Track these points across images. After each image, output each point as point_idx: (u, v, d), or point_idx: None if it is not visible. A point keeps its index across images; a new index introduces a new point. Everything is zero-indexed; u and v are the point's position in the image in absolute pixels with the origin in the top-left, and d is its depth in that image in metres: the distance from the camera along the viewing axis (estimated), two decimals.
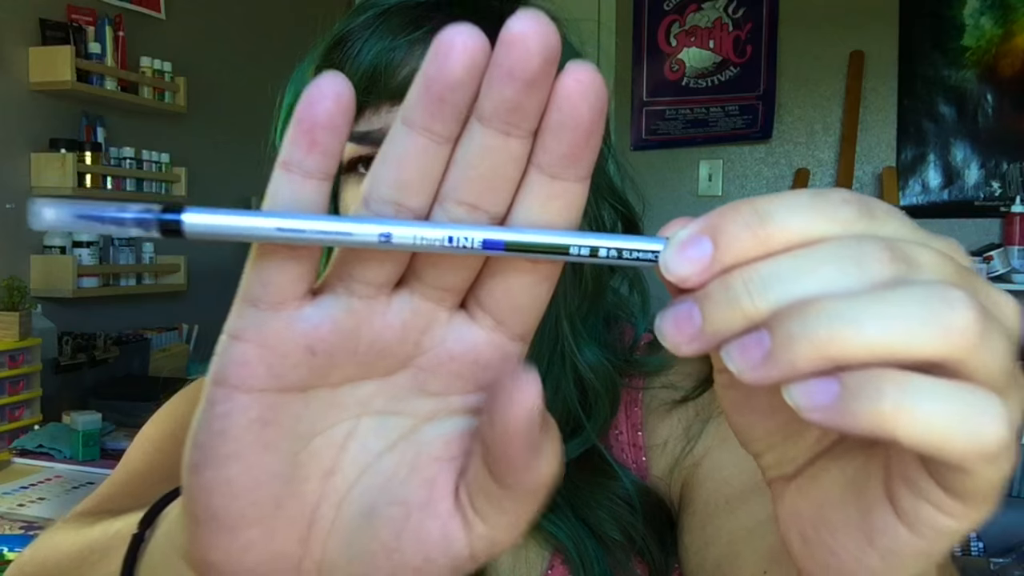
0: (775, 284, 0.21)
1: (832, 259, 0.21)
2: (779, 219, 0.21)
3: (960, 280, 0.21)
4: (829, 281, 0.20)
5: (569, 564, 0.58)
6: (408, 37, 0.54)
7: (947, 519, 0.22)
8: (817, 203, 0.22)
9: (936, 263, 0.21)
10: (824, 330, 0.19)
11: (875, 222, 0.22)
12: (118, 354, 2.14)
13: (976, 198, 2.84)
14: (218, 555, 0.25)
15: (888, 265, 0.20)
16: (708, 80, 3.09)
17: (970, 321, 0.19)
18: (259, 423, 0.24)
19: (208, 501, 0.24)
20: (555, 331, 0.61)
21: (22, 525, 1.31)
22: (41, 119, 2.16)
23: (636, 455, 0.62)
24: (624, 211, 0.64)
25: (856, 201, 0.22)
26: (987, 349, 0.20)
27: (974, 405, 0.20)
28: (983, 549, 2.67)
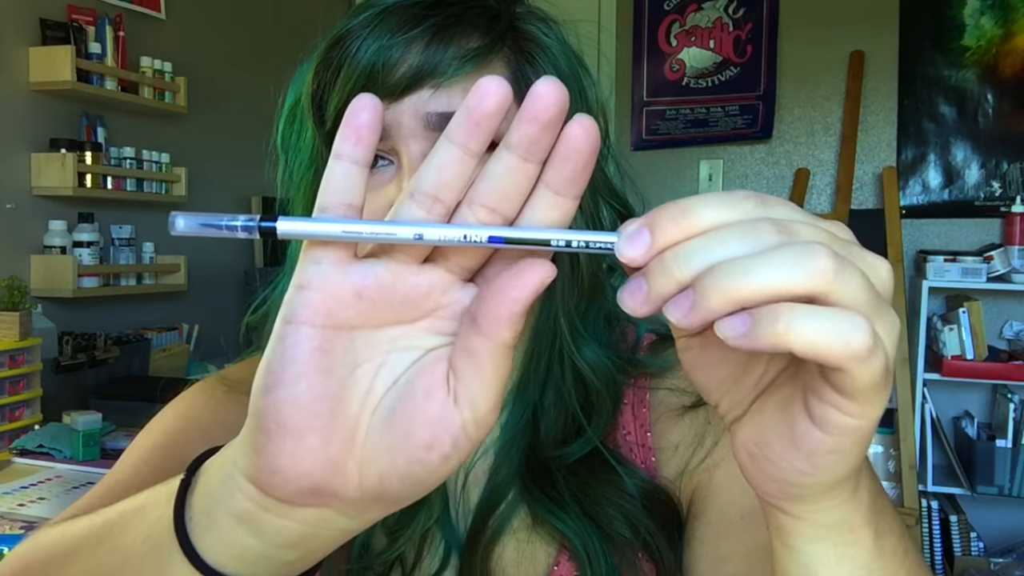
0: (693, 256, 0.29)
1: (733, 235, 0.29)
2: (696, 212, 0.30)
3: (828, 242, 0.28)
4: (732, 250, 0.28)
5: (575, 560, 0.58)
6: (406, 35, 0.55)
7: (846, 417, 0.30)
8: (724, 198, 0.30)
9: (811, 233, 0.29)
10: (726, 282, 0.27)
11: (769, 209, 0.30)
12: (118, 354, 2.14)
13: (976, 198, 2.84)
14: (284, 460, 0.31)
15: (774, 236, 0.28)
16: (708, 80, 3.08)
17: (828, 264, 0.27)
18: (320, 352, 0.31)
19: (279, 413, 0.31)
20: (553, 328, 0.62)
21: (22, 525, 1.31)
22: (41, 119, 2.16)
23: (645, 456, 0.62)
24: (622, 210, 0.65)
25: (754, 196, 0.30)
26: (844, 283, 0.28)
27: (841, 320, 0.27)
28: (983, 549, 2.67)
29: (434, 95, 0.55)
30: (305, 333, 0.31)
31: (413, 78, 0.54)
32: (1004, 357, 2.65)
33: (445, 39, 0.55)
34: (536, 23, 0.61)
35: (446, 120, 0.54)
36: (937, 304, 2.82)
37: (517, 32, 0.60)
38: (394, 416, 0.32)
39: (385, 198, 0.55)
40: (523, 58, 0.59)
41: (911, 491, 2.62)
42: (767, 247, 0.28)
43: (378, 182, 0.56)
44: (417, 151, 0.55)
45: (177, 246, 2.53)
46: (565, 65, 0.61)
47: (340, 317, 0.32)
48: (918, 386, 2.66)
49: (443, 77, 0.54)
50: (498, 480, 0.61)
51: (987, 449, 2.58)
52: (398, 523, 0.59)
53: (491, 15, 0.58)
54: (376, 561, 0.59)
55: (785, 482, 0.32)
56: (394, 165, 0.56)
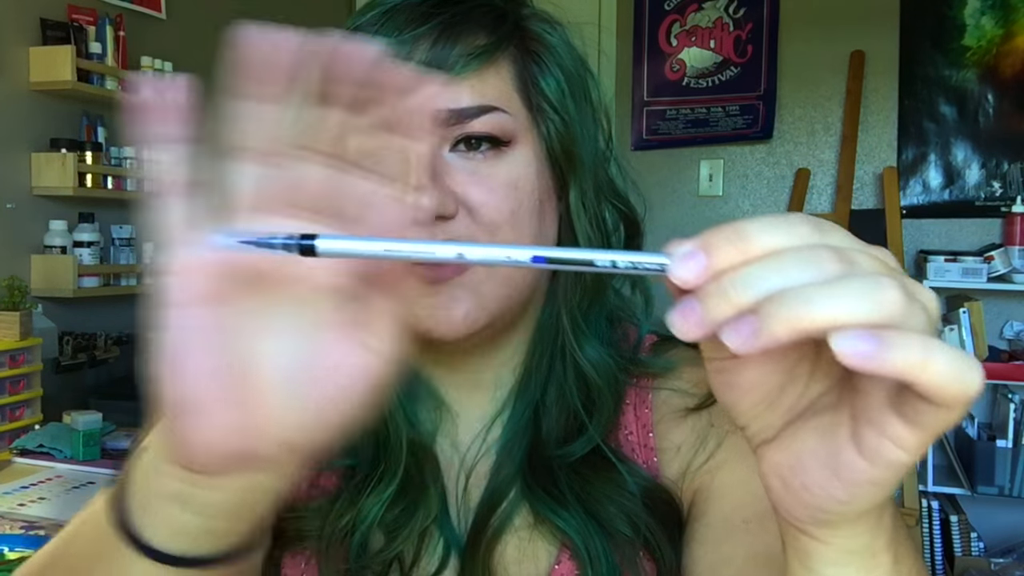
0: (755, 280, 0.28)
1: (794, 262, 0.28)
2: (753, 235, 0.29)
3: (888, 273, 0.29)
4: (793, 277, 0.28)
5: (576, 559, 0.58)
6: (413, 32, 0.55)
7: (900, 452, 0.29)
8: (780, 222, 0.29)
9: (870, 262, 0.29)
10: (794, 310, 0.27)
11: (825, 236, 0.29)
12: (118, 354, 2.14)
13: (977, 198, 2.84)
14: (196, 436, 0.32)
15: (835, 264, 0.28)
16: (709, 80, 3.08)
17: (897, 296, 0.27)
18: (201, 329, 0.31)
19: (177, 395, 0.31)
20: (555, 326, 0.62)
21: (22, 525, 1.31)
22: (41, 119, 2.16)
23: (647, 456, 0.62)
24: (626, 211, 0.65)
25: (810, 221, 0.30)
26: (914, 317, 0.27)
27: (961, 360, 0.27)
28: (984, 549, 2.67)
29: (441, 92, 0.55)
30: (181, 314, 0.31)
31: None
32: (1004, 357, 2.65)
33: (452, 36, 0.56)
34: (541, 24, 0.62)
35: (454, 116, 0.55)
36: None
37: (523, 31, 0.60)
38: (297, 368, 0.33)
39: None
40: (529, 57, 0.60)
41: (911, 491, 2.62)
42: (830, 276, 0.28)
43: None
44: (423, 147, 0.55)
45: None
46: (570, 65, 0.62)
47: (213, 292, 0.31)
48: None
49: (450, 73, 0.55)
50: (500, 479, 0.61)
51: (987, 449, 2.58)
52: (396, 522, 0.59)
53: (497, 14, 0.59)
54: (374, 560, 0.59)
55: (817, 508, 0.32)
56: None
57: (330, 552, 0.59)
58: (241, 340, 0.32)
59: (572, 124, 0.61)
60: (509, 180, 0.57)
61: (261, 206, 0.31)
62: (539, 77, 0.60)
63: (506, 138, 0.57)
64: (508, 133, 0.57)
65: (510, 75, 0.59)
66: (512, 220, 0.56)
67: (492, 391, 0.64)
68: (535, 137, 0.60)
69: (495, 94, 0.57)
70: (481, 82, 0.57)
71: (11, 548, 1.20)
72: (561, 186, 0.62)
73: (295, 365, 0.33)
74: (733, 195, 3.11)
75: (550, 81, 0.60)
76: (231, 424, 0.32)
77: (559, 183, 0.62)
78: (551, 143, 0.60)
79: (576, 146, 0.61)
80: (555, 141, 0.60)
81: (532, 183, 0.58)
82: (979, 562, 2.61)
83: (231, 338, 0.32)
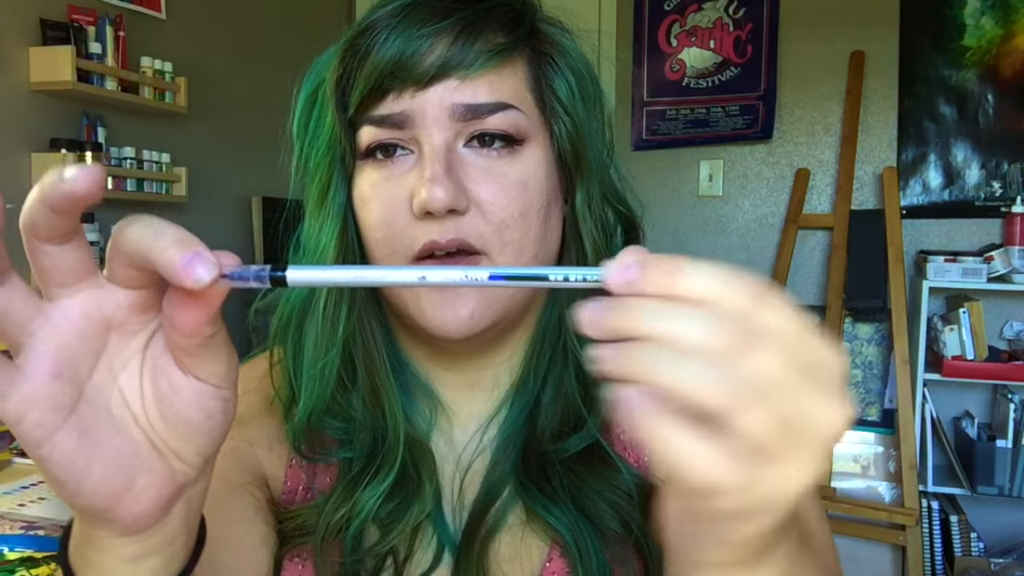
0: (655, 318, 0.30)
1: (697, 323, 0.29)
2: (686, 275, 0.30)
3: (775, 376, 0.29)
4: (685, 333, 0.29)
5: (567, 556, 0.58)
6: (436, 26, 0.56)
7: (719, 553, 0.34)
8: (721, 277, 0.30)
9: (764, 364, 0.29)
10: (652, 363, 0.30)
11: (760, 310, 0.30)
12: None
13: (977, 198, 2.84)
14: (82, 500, 0.35)
15: (726, 346, 0.29)
16: (709, 80, 3.08)
17: (759, 421, 0.29)
18: (47, 418, 0.33)
19: (50, 475, 0.34)
20: (558, 326, 0.62)
21: (22, 525, 1.31)
22: (41, 119, 2.15)
23: (638, 455, 0.63)
24: (626, 213, 0.65)
25: (756, 290, 0.30)
26: (745, 419, 0.29)
27: (713, 448, 0.30)
28: (984, 549, 2.67)
29: (460, 86, 0.56)
30: (23, 412, 0.33)
31: (441, 68, 0.56)
32: (1004, 357, 2.65)
33: (474, 33, 0.57)
34: (553, 27, 0.63)
35: (471, 111, 0.56)
36: (937, 304, 2.82)
37: (538, 33, 0.61)
38: (163, 411, 0.36)
39: (405, 187, 0.57)
40: (542, 59, 0.61)
41: (911, 491, 2.62)
42: (711, 353, 0.29)
43: (398, 171, 0.58)
44: (440, 140, 0.56)
45: None
46: (582, 69, 0.62)
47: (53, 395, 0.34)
48: (918, 386, 2.66)
49: (470, 69, 0.56)
50: (495, 477, 0.62)
51: (987, 449, 2.58)
52: (390, 517, 0.60)
53: (515, 15, 0.60)
54: (368, 555, 0.59)
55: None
56: (413, 154, 0.58)
57: (325, 546, 0.59)
58: (101, 403, 0.36)
59: (582, 127, 0.61)
60: (520, 180, 0.58)
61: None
62: (552, 79, 0.61)
63: (520, 137, 0.58)
64: (522, 132, 0.58)
65: (525, 75, 0.60)
66: (521, 220, 0.57)
67: (490, 391, 0.65)
68: (546, 138, 0.60)
69: (511, 92, 0.58)
70: (499, 80, 0.58)
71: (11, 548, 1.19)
72: (567, 188, 0.63)
73: (163, 407, 0.36)
74: (733, 195, 3.11)
75: (562, 83, 0.61)
76: (122, 476, 0.35)
77: (565, 185, 0.63)
78: (562, 144, 0.61)
79: (585, 149, 0.61)
80: (566, 143, 0.61)
81: (541, 184, 0.59)
82: (979, 562, 2.61)
83: (89, 405, 0.35)
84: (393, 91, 0.56)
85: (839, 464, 2.79)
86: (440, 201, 0.54)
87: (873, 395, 2.82)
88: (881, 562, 2.78)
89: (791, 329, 0.30)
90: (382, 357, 0.62)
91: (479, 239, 0.56)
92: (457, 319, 0.56)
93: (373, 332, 0.62)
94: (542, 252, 0.60)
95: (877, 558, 2.78)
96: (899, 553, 2.74)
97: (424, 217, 0.55)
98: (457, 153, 0.57)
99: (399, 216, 0.57)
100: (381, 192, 0.58)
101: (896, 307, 2.70)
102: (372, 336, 0.62)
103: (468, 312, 0.56)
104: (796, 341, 0.30)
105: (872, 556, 2.78)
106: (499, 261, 0.57)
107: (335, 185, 0.60)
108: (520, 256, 0.57)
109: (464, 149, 0.57)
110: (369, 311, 0.62)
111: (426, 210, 0.54)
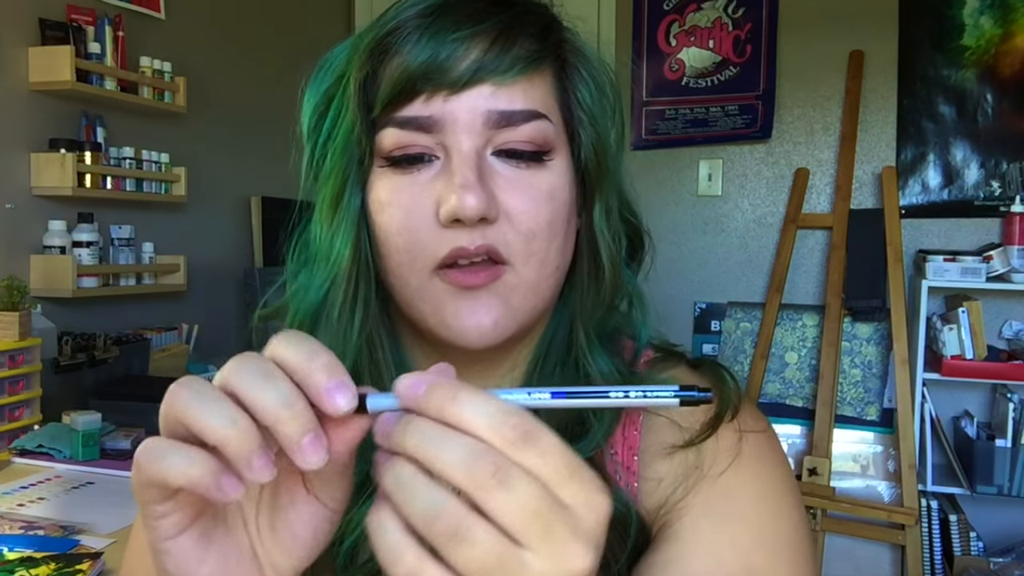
0: (415, 439, 0.34)
1: (451, 451, 0.32)
2: (460, 405, 0.33)
3: (514, 525, 0.32)
4: (436, 459, 0.33)
5: None
6: (472, 29, 0.55)
7: None
8: (496, 416, 0.33)
9: (512, 511, 0.32)
10: (394, 483, 0.34)
11: (526, 451, 0.33)
12: (118, 354, 2.14)
13: (976, 198, 2.84)
14: None
15: (475, 481, 0.32)
16: (708, 80, 3.09)
17: (477, 555, 0.32)
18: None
19: (163, 566, 0.38)
20: (568, 340, 0.61)
21: (22, 525, 1.31)
22: (41, 119, 2.15)
23: (629, 479, 0.60)
24: (635, 222, 0.65)
25: (523, 431, 0.33)
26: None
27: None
28: (983, 549, 2.67)
29: (494, 93, 0.55)
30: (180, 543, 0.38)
31: (476, 73, 0.54)
32: (1003, 357, 2.65)
33: (510, 39, 0.55)
34: (577, 37, 0.62)
35: (505, 118, 0.56)
36: (936, 304, 2.82)
37: (565, 42, 0.61)
38: (276, 522, 0.41)
39: (432, 194, 0.55)
40: (569, 68, 0.60)
41: (911, 491, 2.63)
42: (459, 483, 0.32)
43: (422, 177, 0.56)
44: (470, 147, 0.55)
45: (176, 246, 2.53)
46: (605, 79, 0.62)
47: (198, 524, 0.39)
48: (918, 386, 2.67)
49: (505, 75, 0.55)
50: None
51: (986, 449, 2.58)
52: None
53: (545, 22, 0.59)
54: (360, 571, 0.58)
55: None
56: (438, 160, 0.56)
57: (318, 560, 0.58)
58: (232, 532, 0.40)
59: (604, 138, 0.61)
60: (549, 190, 0.57)
61: None
62: (577, 88, 0.60)
63: (548, 147, 0.57)
64: (551, 142, 0.57)
65: (552, 85, 0.59)
66: (549, 230, 0.56)
67: None
68: (568, 149, 0.60)
69: (542, 101, 0.57)
70: (532, 87, 0.57)
71: (11, 548, 1.19)
72: (583, 200, 0.61)
73: (278, 525, 0.41)
74: (732, 195, 3.11)
75: (586, 93, 0.60)
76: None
77: (582, 198, 0.61)
78: (586, 153, 0.60)
79: (607, 160, 0.61)
80: (591, 154, 0.60)
81: (566, 194, 0.58)
82: (978, 561, 2.61)
83: (226, 529, 0.40)
84: (424, 93, 0.55)
85: (838, 464, 2.79)
86: (472, 209, 0.52)
87: (872, 395, 2.82)
88: (880, 561, 2.78)
89: (547, 471, 0.33)
90: (389, 369, 0.60)
91: (506, 248, 0.55)
92: (480, 329, 0.55)
93: (382, 342, 0.61)
94: (563, 265, 0.59)
95: (876, 557, 2.78)
96: (898, 552, 2.74)
97: (451, 225, 0.54)
98: (486, 160, 0.56)
99: (423, 223, 0.55)
100: (403, 197, 0.56)
101: (895, 307, 2.71)
102: (381, 347, 0.61)
103: (492, 321, 0.55)
104: (551, 482, 0.32)
105: (871, 555, 2.78)
106: (523, 272, 0.56)
107: (351, 188, 0.58)
108: (544, 267, 0.57)
109: (492, 157, 0.56)
110: (379, 323, 0.61)
111: (456, 217, 0.53)
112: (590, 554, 0.33)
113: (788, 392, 2.90)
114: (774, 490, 0.58)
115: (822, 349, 2.81)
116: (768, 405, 2.88)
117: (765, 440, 0.61)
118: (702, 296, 3.13)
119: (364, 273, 0.59)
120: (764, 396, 2.90)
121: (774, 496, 0.57)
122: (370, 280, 0.59)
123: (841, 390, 2.84)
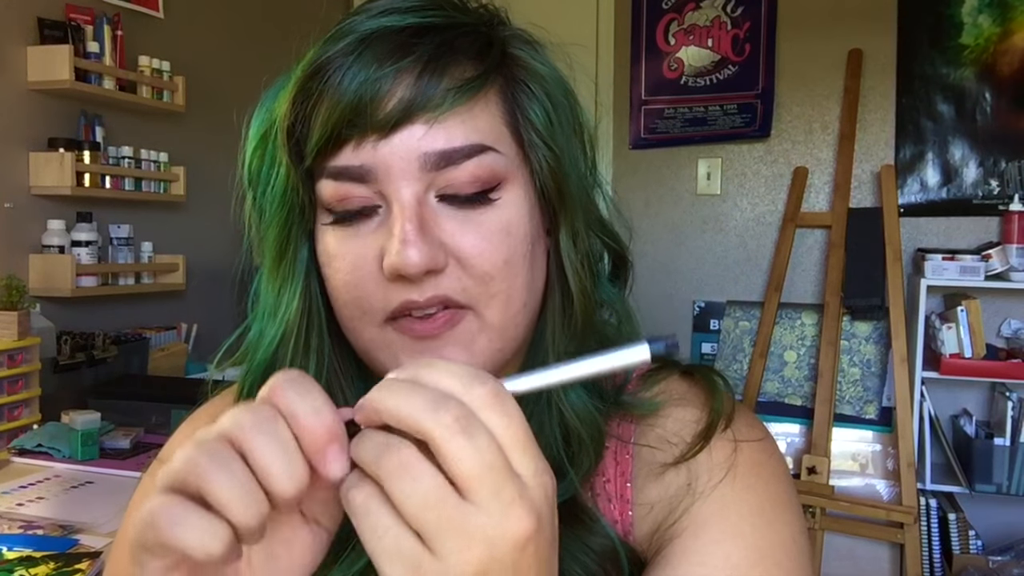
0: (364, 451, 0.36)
1: (422, 394, 0.35)
2: (433, 368, 0.37)
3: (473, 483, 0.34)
4: (392, 405, 0.36)
5: None
6: (395, 65, 0.50)
7: None
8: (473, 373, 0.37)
9: (468, 458, 0.34)
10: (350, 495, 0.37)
11: (491, 409, 0.35)
12: (117, 353, 2.14)
13: (974, 196, 2.84)
14: None
15: (439, 423, 0.34)
16: (707, 79, 3.09)
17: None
18: None
19: None
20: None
21: (21, 524, 1.31)
22: (39, 118, 2.15)
23: (623, 508, 0.58)
24: (613, 244, 0.61)
25: (499, 390, 0.36)
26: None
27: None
28: (982, 547, 2.68)
29: (429, 132, 0.50)
30: None
31: (404, 111, 0.50)
32: (1002, 355, 2.65)
33: (439, 69, 0.51)
34: (524, 47, 0.57)
35: (444, 158, 0.50)
36: (935, 302, 2.82)
37: (510, 59, 0.56)
38: (275, 552, 0.40)
39: (375, 247, 0.52)
40: (515, 86, 0.55)
41: (910, 489, 2.63)
42: (415, 429, 0.35)
43: (365, 230, 0.52)
44: (409, 195, 0.51)
45: (175, 245, 2.53)
46: (556, 91, 0.57)
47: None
48: (916, 384, 2.67)
49: (438, 111, 0.50)
50: None
51: (985, 447, 2.58)
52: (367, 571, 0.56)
53: (483, 41, 0.54)
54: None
55: None
56: (381, 209, 0.52)
57: None
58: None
59: (562, 157, 0.56)
60: (501, 226, 0.52)
61: None
62: (528, 108, 0.55)
63: (497, 180, 0.53)
64: (500, 175, 0.53)
65: (499, 109, 0.54)
66: (506, 269, 0.52)
67: None
68: (526, 174, 0.55)
69: (487, 131, 0.52)
70: (472, 118, 0.52)
71: (10, 548, 1.19)
72: (550, 222, 0.58)
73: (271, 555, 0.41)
74: (731, 193, 3.12)
75: (538, 111, 0.55)
76: None
77: (548, 220, 0.58)
78: (543, 179, 0.55)
79: (567, 180, 0.56)
80: (547, 177, 0.55)
81: (524, 226, 0.54)
82: (977, 560, 2.62)
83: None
84: (352, 140, 0.50)
85: (837, 462, 2.79)
86: (415, 266, 0.49)
87: (871, 393, 2.82)
88: (879, 560, 2.79)
89: (507, 436, 0.35)
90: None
91: (463, 294, 0.52)
92: None
93: (342, 389, 0.57)
94: (531, 300, 0.55)
95: (875, 556, 2.78)
96: (897, 551, 2.74)
97: (397, 280, 0.50)
98: (429, 206, 0.51)
99: (369, 277, 0.52)
100: (347, 251, 0.53)
101: (894, 305, 2.71)
102: (341, 393, 0.57)
103: None
104: (507, 447, 0.35)
105: (870, 554, 2.78)
106: (486, 314, 0.52)
107: (295, 240, 0.55)
108: (508, 307, 0.53)
109: (435, 201, 0.52)
110: (336, 370, 0.58)
111: (399, 274, 0.50)
112: (533, 522, 0.34)
113: (787, 391, 2.90)
114: (770, 502, 0.55)
115: (821, 348, 2.81)
116: (767, 404, 2.88)
117: (761, 449, 0.58)
118: (701, 295, 3.13)
119: (316, 325, 0.56)
120: (763, 395, 2.90)
121: (771, 509, 0.55)
122: (322, 331, 0.56)
123: (840, 389, 2.84)
